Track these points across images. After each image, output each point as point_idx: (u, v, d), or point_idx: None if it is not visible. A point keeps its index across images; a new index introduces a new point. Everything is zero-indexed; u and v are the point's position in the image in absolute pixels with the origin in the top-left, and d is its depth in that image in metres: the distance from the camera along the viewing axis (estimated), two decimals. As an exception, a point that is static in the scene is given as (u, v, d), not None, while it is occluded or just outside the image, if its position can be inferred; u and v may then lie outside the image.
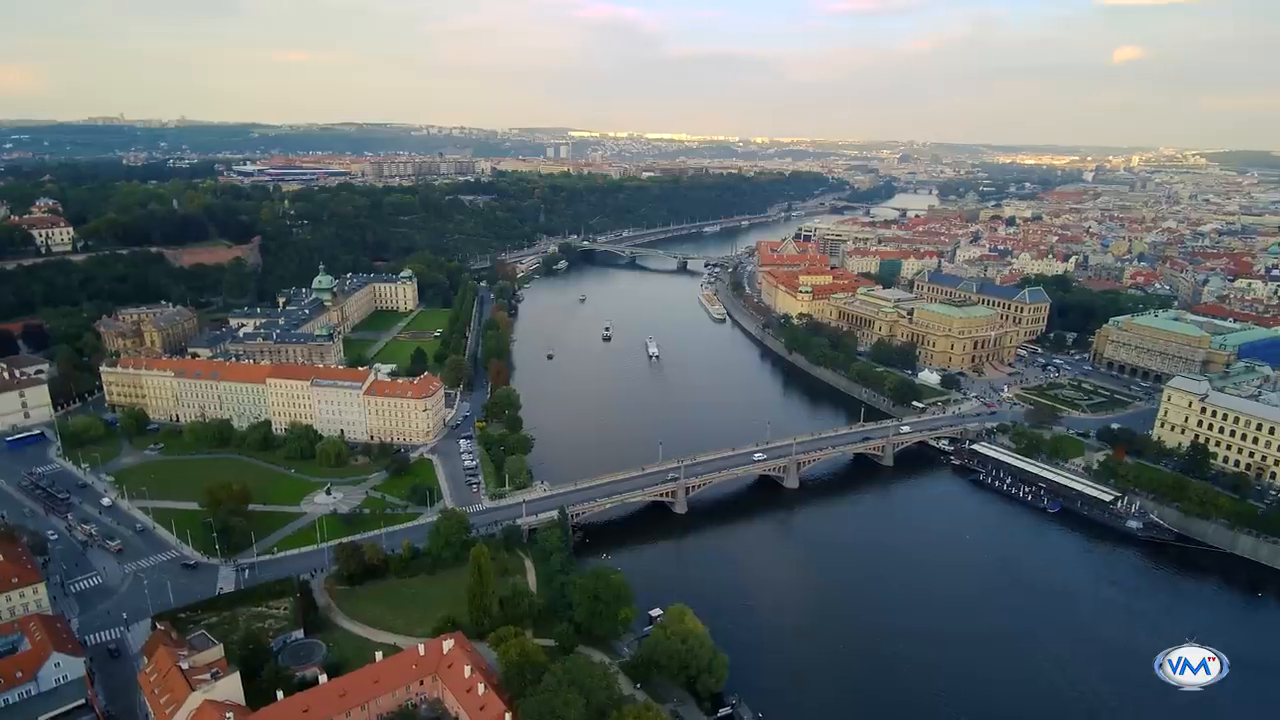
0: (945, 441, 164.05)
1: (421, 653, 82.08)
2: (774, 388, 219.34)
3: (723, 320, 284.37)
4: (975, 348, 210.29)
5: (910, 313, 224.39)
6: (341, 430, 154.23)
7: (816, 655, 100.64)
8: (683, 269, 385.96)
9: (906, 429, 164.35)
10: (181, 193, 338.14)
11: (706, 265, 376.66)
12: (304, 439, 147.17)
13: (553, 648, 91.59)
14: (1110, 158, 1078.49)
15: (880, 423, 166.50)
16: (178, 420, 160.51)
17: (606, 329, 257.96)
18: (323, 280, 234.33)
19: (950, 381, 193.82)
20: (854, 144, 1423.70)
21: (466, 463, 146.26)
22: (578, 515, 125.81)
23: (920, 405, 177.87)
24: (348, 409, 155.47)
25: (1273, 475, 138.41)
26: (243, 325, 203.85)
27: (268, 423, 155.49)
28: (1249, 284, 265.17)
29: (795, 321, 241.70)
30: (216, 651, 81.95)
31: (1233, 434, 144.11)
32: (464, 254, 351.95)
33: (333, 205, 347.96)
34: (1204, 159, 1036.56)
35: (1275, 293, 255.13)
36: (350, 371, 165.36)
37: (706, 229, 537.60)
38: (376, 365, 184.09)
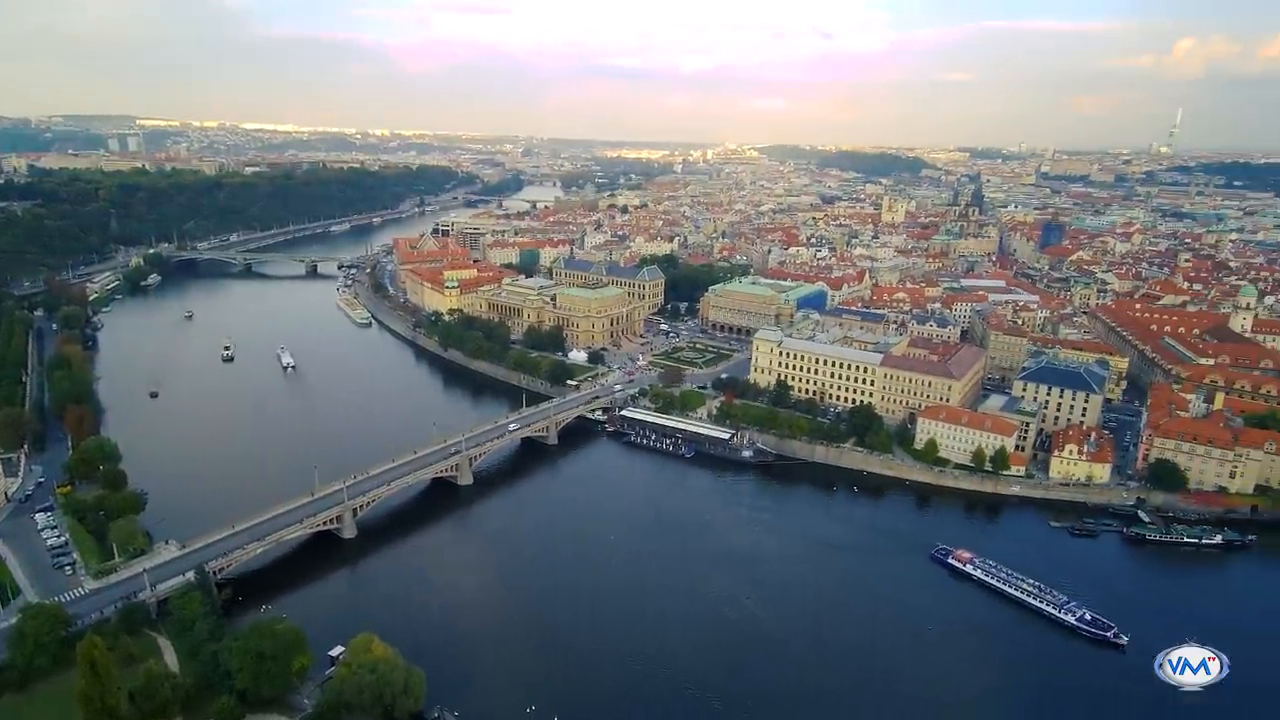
0: (599, 412, 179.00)
1: (19, 797, 63.28)
2: (435, 387, 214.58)
3: (368, 324, 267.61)
4: (612, 324, 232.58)
5: (553, 298, 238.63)
6: None
7: (513, 643, 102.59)
8: (313, 273, 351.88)
9: (565, 407, 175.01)
10: None
11: (341, 267, 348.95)
12: None
13: (214, 729, 78.36)
14: (692, 152, 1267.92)
15: (540, 405, 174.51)
16: None
17: (227, 348, 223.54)
18: None
19: (596, 357, 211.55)
20: (478, 138, 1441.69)
21: (50, 540, 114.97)
22: (222, 570, 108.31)
23: (574, 383, 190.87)
24: None
25: (831, 397, 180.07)
26: None
27: None
28: (797, 250, 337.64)
29: (447, 318, 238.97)
30: None
31: (802, 369, 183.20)
32: (2, 277, 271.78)
33: None
34: (756, 152, 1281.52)
35: (814, 256, 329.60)
36: None
37: (334, 228, 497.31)
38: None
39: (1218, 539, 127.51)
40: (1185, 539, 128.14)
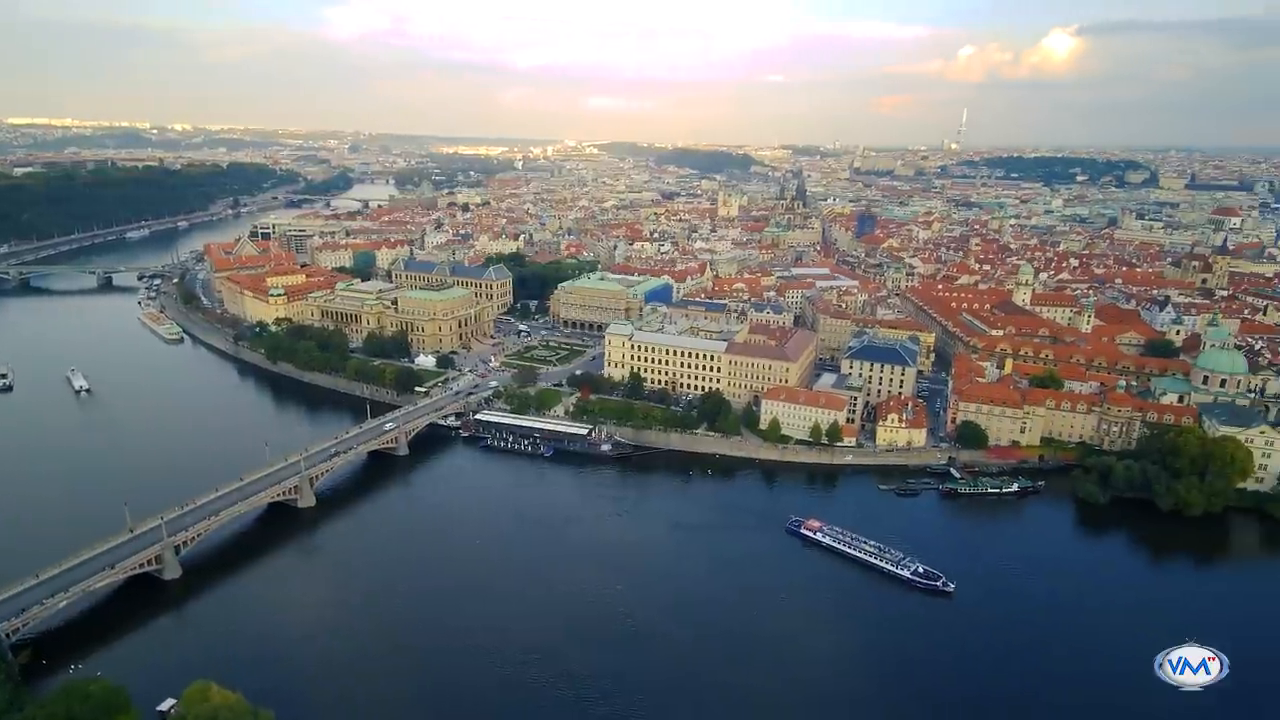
0: (452, 418, 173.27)
1: None
2: (266, 404, 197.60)
3: (179, 340, 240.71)
4: (460, 326, 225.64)
5: (395, 302, 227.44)
6: None
7: (371, 665, 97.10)
8: (108, 285, 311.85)
9: (415, 415, 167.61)
10: None
11: (142, 278, 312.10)
12: None
13: (17, 815, 67.84)
14: (532, 149, 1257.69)
15: (387, 415, 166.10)
16: None
17: (3, 375, 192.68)
18: None
19: (446, 361, 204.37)
20: (298, 134, 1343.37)
21: None
22: (17, 630, 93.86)
23: (423, 390, 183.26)
24: None
25: (682, 386, 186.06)
26: None
27: None
28: (641, 246, 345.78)
29: (273, 328, 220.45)
30: None
31: (654, 361, 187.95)
32: None
33: None
34: (596, 149, 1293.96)
35: (658, 251, 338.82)
36: None
37: (131, 234, 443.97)
38: None
39: (1014, 487, 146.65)
40: (989, 490, 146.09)
